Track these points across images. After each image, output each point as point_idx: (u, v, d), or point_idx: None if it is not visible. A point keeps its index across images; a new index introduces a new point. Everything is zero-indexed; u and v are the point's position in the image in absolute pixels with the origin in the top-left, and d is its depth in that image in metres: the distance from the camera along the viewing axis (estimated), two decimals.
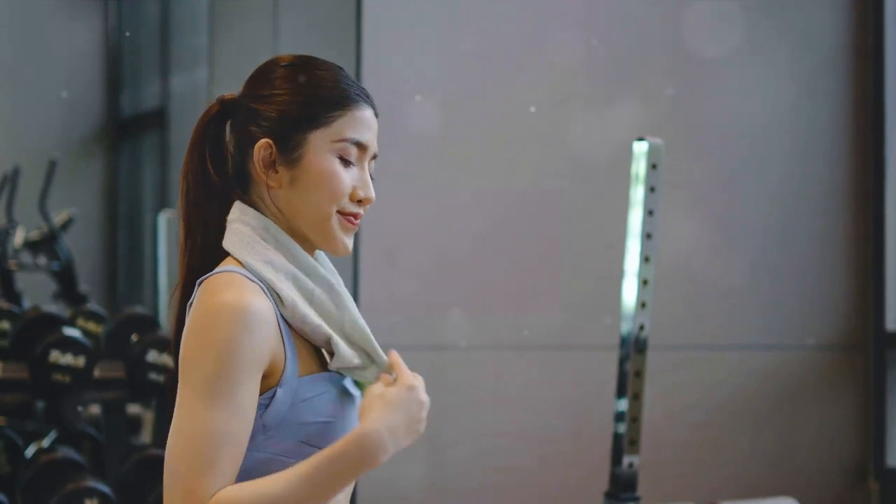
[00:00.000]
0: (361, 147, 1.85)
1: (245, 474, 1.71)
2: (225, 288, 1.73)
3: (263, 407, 1.73)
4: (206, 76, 6.93)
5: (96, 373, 4.04)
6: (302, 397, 1.75)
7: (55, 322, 4.18)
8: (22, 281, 7.10)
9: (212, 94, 5.11)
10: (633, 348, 3.32)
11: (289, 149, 1.81)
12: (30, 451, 4.33)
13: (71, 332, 4.01)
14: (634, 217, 3.32)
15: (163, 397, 4.09)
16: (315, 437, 1.75)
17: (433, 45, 4.11)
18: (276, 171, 1.82)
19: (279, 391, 1.74)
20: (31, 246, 7.01)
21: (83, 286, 7.08)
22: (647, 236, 3.32)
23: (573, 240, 4.25)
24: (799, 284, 4.53)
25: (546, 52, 4.24)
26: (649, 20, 4.37)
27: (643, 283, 3.30)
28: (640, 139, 3.33)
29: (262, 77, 1.87)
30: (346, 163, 1.83)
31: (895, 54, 4.62)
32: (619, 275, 3.34)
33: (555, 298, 4.21)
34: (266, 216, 1.83)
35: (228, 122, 1.88)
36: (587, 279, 4.23)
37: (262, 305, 1.73)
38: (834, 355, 4.56)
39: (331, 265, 1.92)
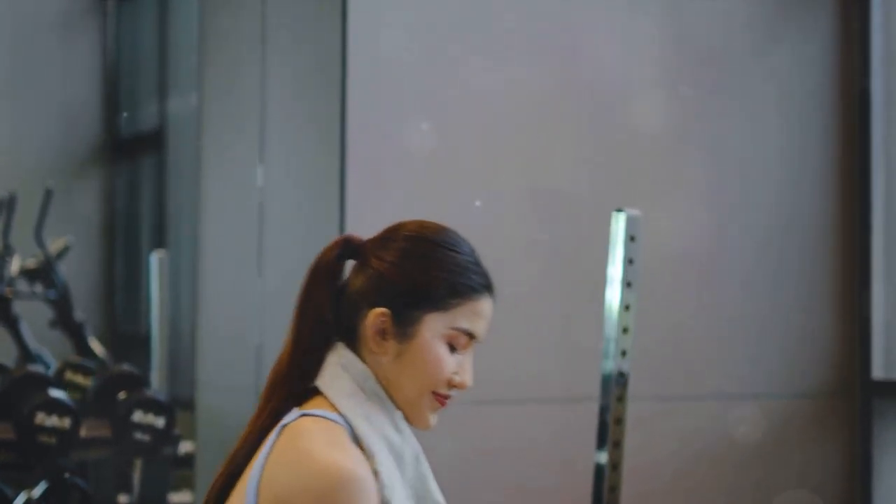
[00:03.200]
0: (472, 337, 1.90)
1: None
2: (331, 445, 1.75)
3: None
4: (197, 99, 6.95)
5: (82, 432, 4.08)
6: None
7: (41, 382, 4.22)
8: (19, 305, 7.14)
9: (202, 118, 5.12)
10: (614, 395, 3.33)
11: (403, 324, 1.85)
12: (20, 501, 4.37)
13: (56, 393, 4.05)
14: (612, 291, 3.33)
15: (148, 456, 4.12)
16: None
17: (423, 75, 4.11)
18: (386, 341, 1.85)
19: None
20: (27, 274, 7.05)
21: (79, 313, 7.12)
22: (625, 308, 3.34)
23: (560, 291, 4.26)
24: (784, 332, 4.55)
25: (545, 62, 4.25)
26: (641, 49, 4.38)
27: (623, 330, 3.32)
28: (619, 210, 3.35)
29: (393, 241, 1.91)
30: (452, 349, 1.88)
31: (881, 99, 4.63)
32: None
33: (546, 352, 4.22)
34: (367, 367, 1.86)
35: (349, 262, 1.92)
36: (578, 334, 4.24)
37: (371, 479, 1.75)
38: (819, 403, 4.58)
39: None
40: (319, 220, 4.20)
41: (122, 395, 4.30)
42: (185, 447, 5.06)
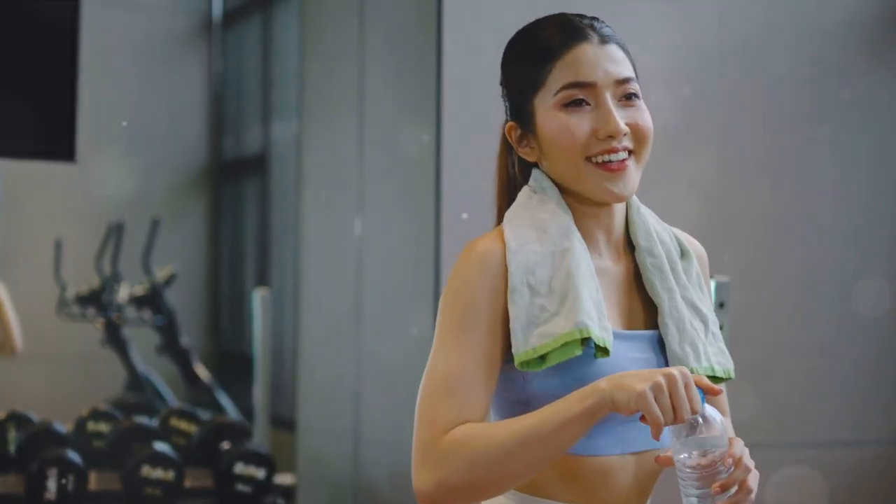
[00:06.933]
0: (584, 86, 1.84)
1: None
2: (478, 238, 1.86)
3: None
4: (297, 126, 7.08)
5: (186, 482, 4.19)
6: None
7: (146, 434, 4.34)
8: (127, 331, 7.34)
9: (301, 146, 5.21)
10: None
11: (526, 122, 1.89)
12: None
13: (161, 447, 4.18)
14: None
15: None
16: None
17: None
18: (527, 144, 1.91)
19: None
20: (135, 301, 7.24)
21: (185, 339, 7.29)
22: None
23: None
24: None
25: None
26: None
27: None
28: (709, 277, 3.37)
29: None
30: (575, 108, 1.84)
31: None
32: None
33: None
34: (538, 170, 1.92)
35: None
36: None
37: (492, 246, 1.83)
38: None
39: (649, 228, 1.98)
40: (416, 271, 4.27)
41: (225, 446, 4.41)
42: (285, 479, 5.16)
